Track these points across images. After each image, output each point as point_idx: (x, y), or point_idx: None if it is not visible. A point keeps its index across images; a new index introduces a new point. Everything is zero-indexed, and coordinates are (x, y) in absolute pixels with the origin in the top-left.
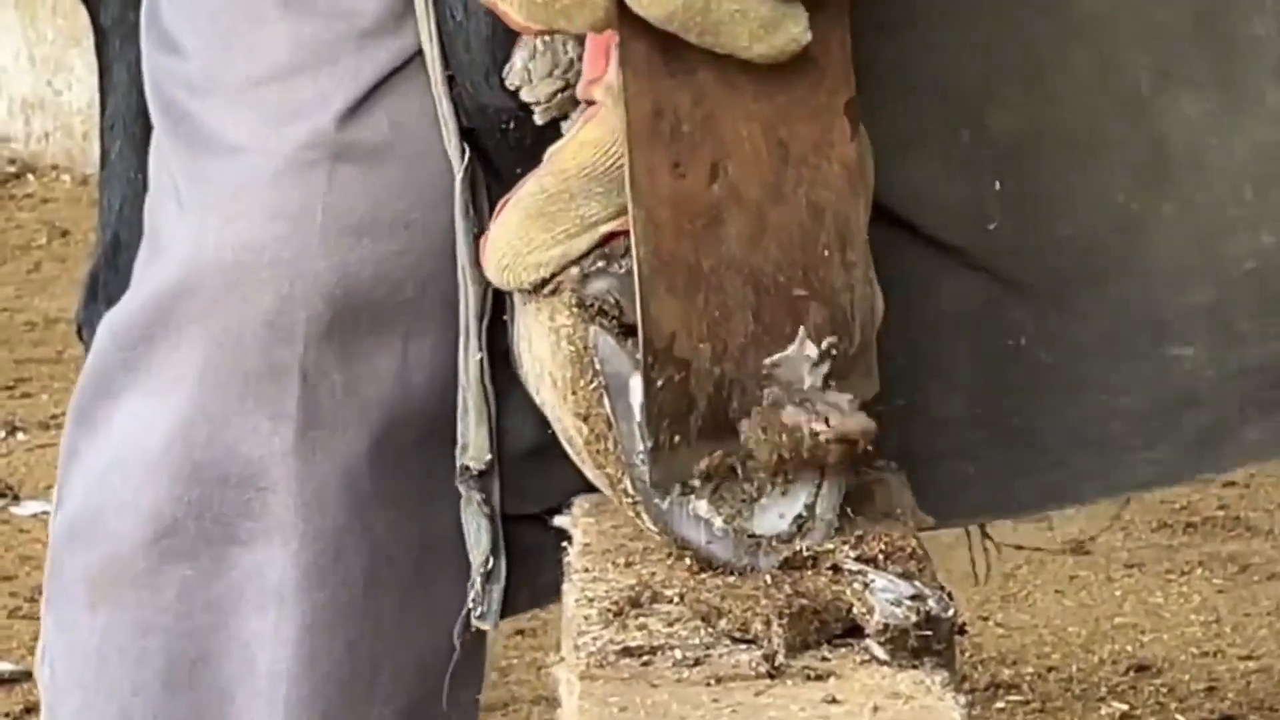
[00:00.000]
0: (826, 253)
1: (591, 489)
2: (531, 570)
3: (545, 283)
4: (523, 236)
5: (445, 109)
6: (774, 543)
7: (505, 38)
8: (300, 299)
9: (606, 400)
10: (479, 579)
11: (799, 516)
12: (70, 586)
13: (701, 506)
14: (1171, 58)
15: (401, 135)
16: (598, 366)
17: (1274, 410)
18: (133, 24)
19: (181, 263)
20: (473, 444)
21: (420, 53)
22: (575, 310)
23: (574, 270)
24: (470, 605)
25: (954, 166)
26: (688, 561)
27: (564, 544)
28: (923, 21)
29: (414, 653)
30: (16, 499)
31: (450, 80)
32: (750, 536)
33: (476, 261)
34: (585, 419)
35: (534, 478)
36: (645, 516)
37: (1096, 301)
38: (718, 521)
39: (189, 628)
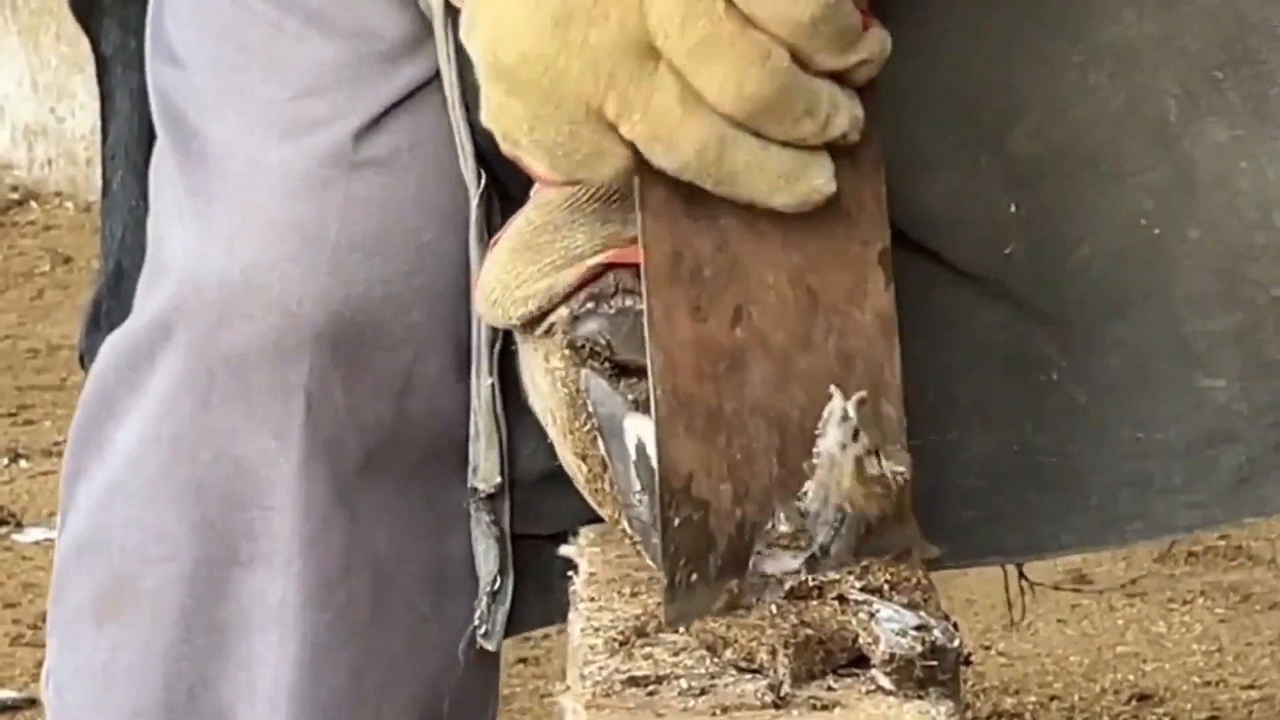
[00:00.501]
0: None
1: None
2: (544, 588)
3: (537, 321)
4: (510, 270)
5: (463, 131)
6: (782, 578)
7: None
8: (308, 318)
9: (601, 442)
10: (485, 599)
11: (812, 557)
12: (76, 606)
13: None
14: (1200, 85)
15: (416, 156)
16: (590, 409)
17: None
18: (134, 51)
19: (186, 280)
20: (483, 467)
21: (437, 76)
22: (567, 353)
23: (564, 311)
24: (475, 623)
25: (970, 189)
26: None
27: (570, 572)
28: (945, 42)
29: (426, 677)
30: (19, 526)
31: (468, 104)
32: (761, 576)
33: None
34: (583, 458)
35: (547, 501)
36: (646, 555)
37: (1121, 329)
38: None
39: (189, 651)
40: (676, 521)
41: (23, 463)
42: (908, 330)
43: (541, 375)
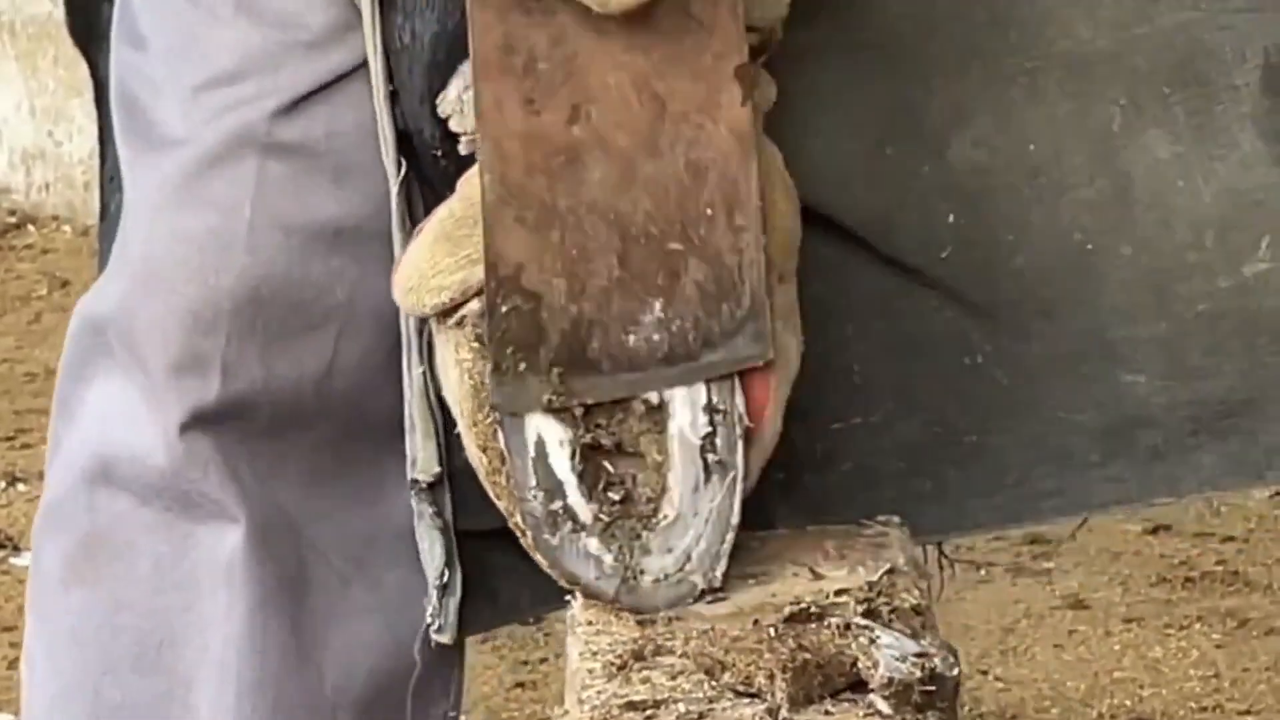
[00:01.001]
0: (710, 211)
1: None
2: (491, 589)
3: (450, 313)
4: (429, 260)
5: (385, 122)
6: (663, 583)
7: (445, 66)
8: (225, 290)
9: (501, 435)
10: (434, 592)
11: (685, 554)
12: (46, 574)
13: (592, 544)
14: (1147, 97)
15: (336, 144)
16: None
17: (1227, 437)
18: None
19: (124, 254)
20: (421, 458)
21: (361, 67)
22: (475, 346)
23: (475, 304)
24: (428, 619)
25: (910, 197)
26: (690, 615)
27: (526, 559)
28: (894, 48)
29: (361, 645)
30: (17, 550)
31: (393, 96)
32: (640, 574)
33: None
34: (484, 450)
35: (478, 492)
36: (536, 552)
37: (1048, 327)
38: (607, 559)
39: (160, 605)
40: (504, 309)
41: (20, 486)
42: (836, 313)
43: (451, 366)
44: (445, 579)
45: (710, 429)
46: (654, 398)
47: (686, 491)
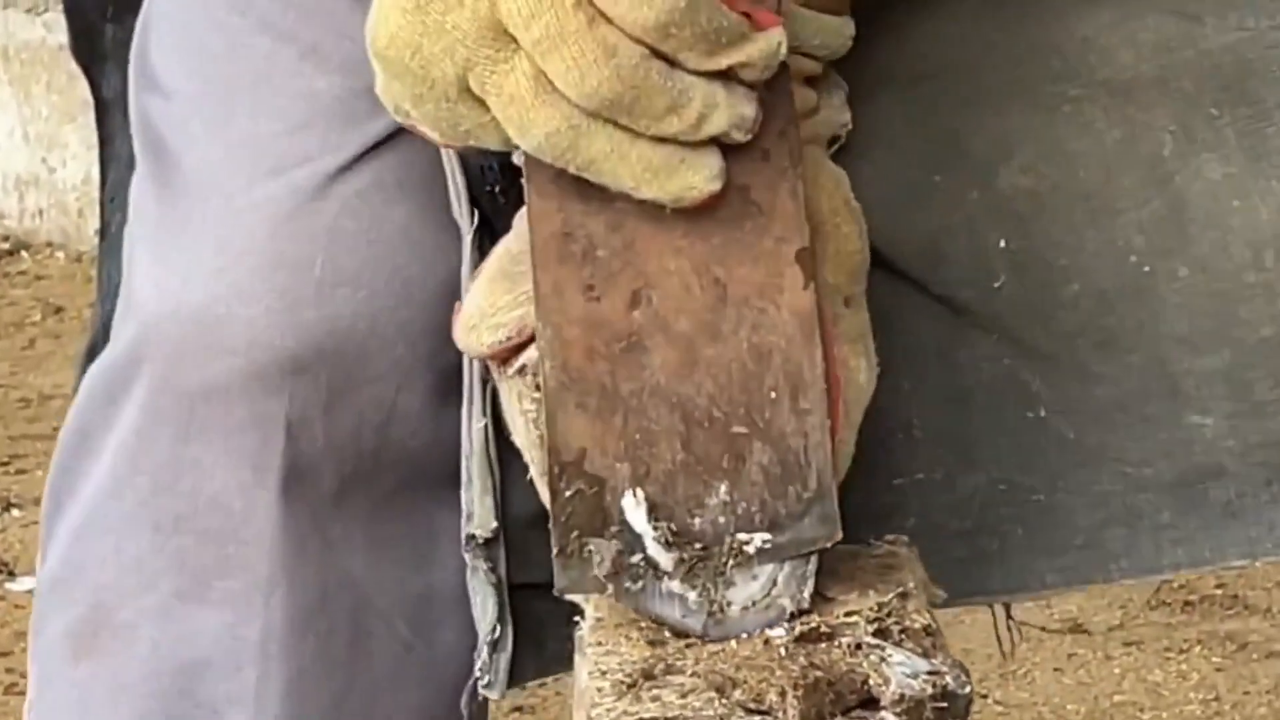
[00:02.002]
0: (774, 395)
1: None
2: (538, 640)
3: (508, 359)
4: (488, 298)
5: (455, 166)
6: (751, 610)
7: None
8: (291, 351)
9: None
10: (485, 648)
11: (771, 579)
12: (52, 642)
13: (675, 585)
14: (1197, 121)
15: (404, 191)
16: None
17: None
18: None
19: (163, 314)
20: (477, 514)
21: None
22: (536, 396)
23: (533, 352)
24: (477, 674)
25: (959, 224)
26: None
27: (576, 617)
28: (939, 78)
29: (410, 708)
30: (12, 575)
31: None
32: (728, 605)
33: None
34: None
35: (538, 547)
36: (618, 599)
37: (1109, 363)
38: (691, 596)
39: (157, 689)
40: (568, 493)
41: (15, 512)
42: (894, 365)
43: (517, 415)
44: (497, 634)
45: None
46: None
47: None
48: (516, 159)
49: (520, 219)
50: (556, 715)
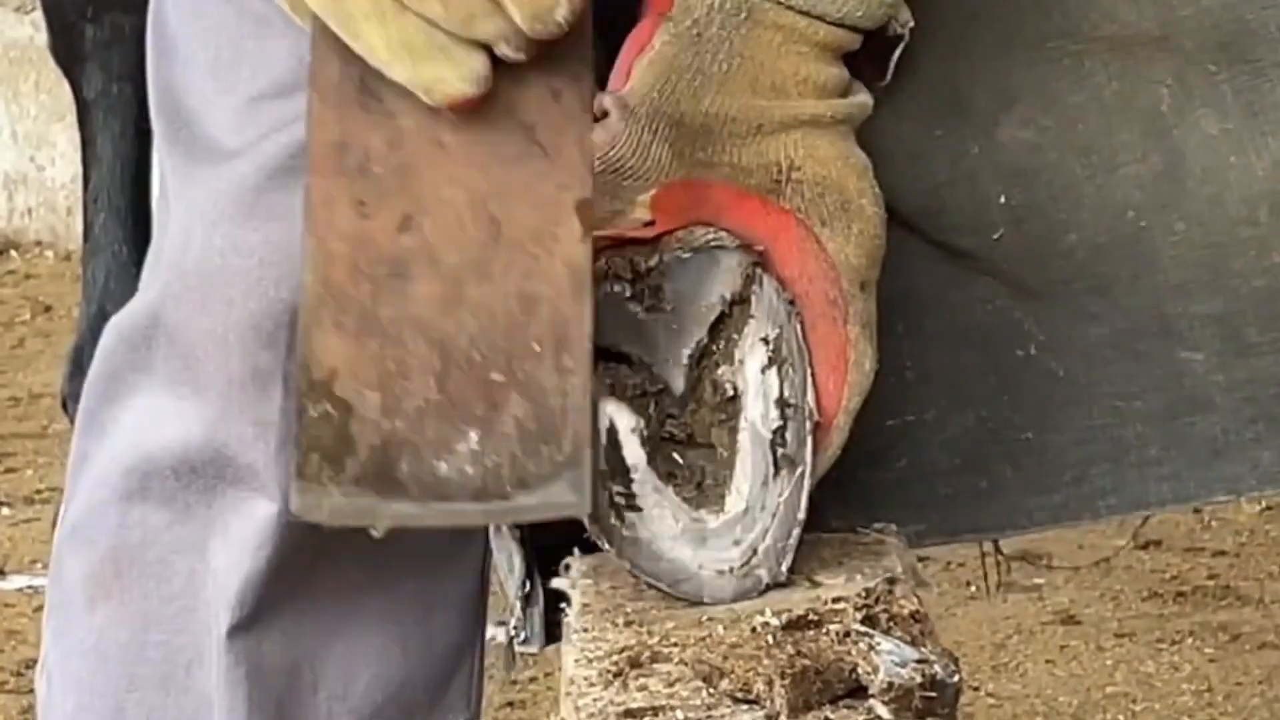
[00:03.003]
0: (537, 348)
1: None
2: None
3: None
4: None
5: None
6: (728, 575)
7: None
8: (285, 303)
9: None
10: (517, 604)
11: (751, 548)
12: (70, 588)
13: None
14: (1195, 77)
15: None
16: None
17: None
18: (116, 96)
19: (171, 266)
20: None
21: None
22: None
23: None
24: (512, 631)
25: (961, 178)
26: (688, 621)
27: (561, 603)
28: (940, 35)
29: (367, 653)
30: (2, 574)
31: None
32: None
33: None
34: None
35: None
36: (603, 539)
37: (1102, 306)
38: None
39: (190, 624)
40: (314, 414)
41: (5, 510)
42: (889, 309)
43: None
44: (528, 589)
45: (781, 423)
46: (729, 388)
47: (755, 485)
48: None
49: None
50: (547, 709)
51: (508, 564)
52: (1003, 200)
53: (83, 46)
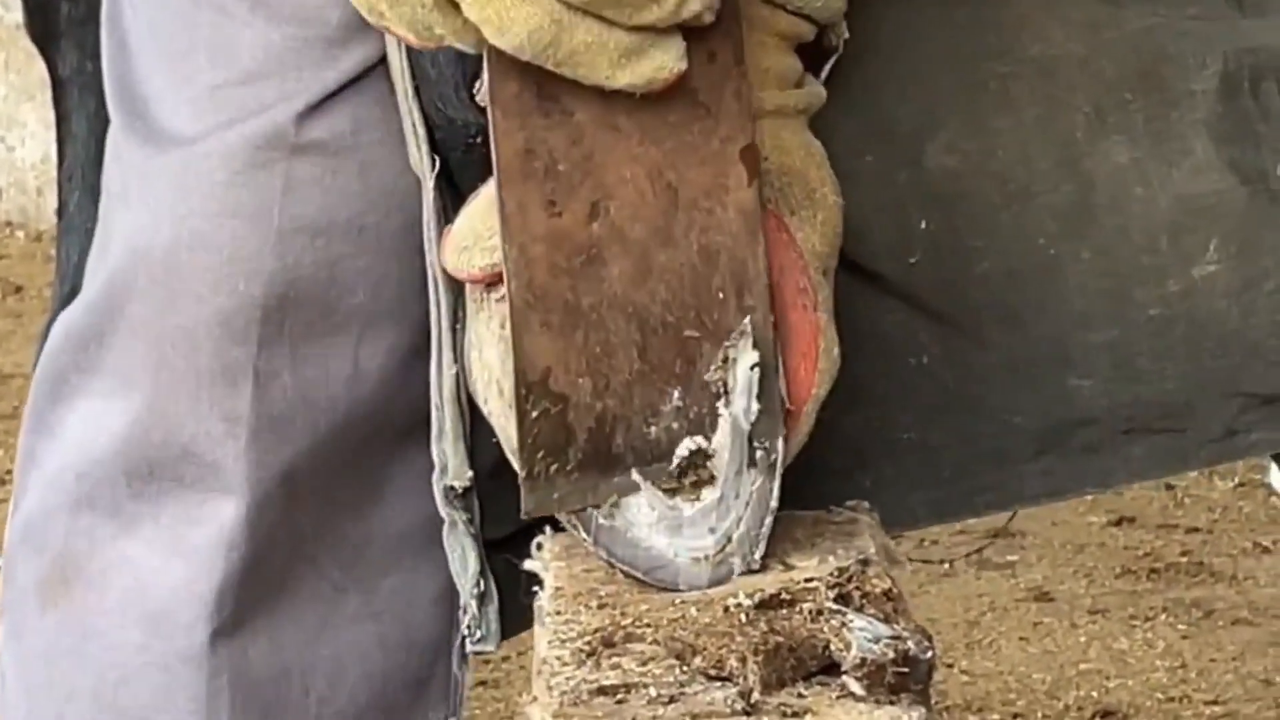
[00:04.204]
0: (721, 295)
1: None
2: (514, 596)
3: (497, 283)
4: (484, 221)
5: (416, 117)
6: (703, 563)
7: (475, 55)
8: (256, 298)
9: None
10: (472, 602)
11: (726, 536)
12: (22, 591)
13: (639, 517)
14: (1110, 104)
15: (360, 140)
16: None
17: (1159, 433)
18: (91, 74)
19: (132, 259)
20: (452, 464)
21: (382, 61)
22: None
23: None
24: (466, 630)
25: (885, 205)
26: (661, 602)
27: (534, 586)
28: (868, 58)
29: (353, 654)
30: None
31: (417, 89)
32: (676, 555)
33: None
34: None
35: (506, 500)
36: (579, 528)
37: (1006, 336)
38: (659, 542)
39: (120, 641)
40: (534, 414)
41: None
42: None
43: (492, 345)
44: (482, 588)
45: (759, 414)
46: (716, 386)
47: (731, 475)
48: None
49: None
50: (521, 688)
51: (461, 560)
52: (923, 226)
53: (57, 24)
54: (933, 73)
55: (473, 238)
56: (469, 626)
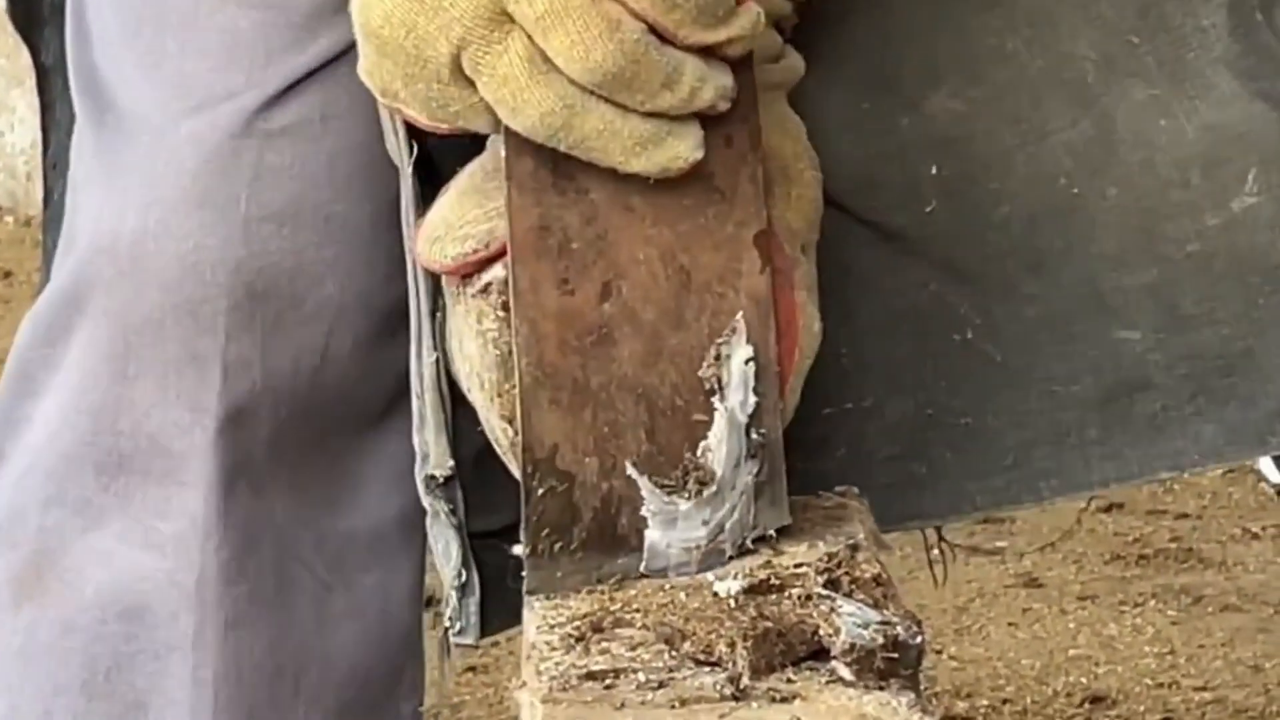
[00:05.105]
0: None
1: None
2: (504, 587)
3: (471, 277)
4: (456, 212)
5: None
6: (694, 551)
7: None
8: (224, 287)
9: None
10: (454, 594)
11: (719, 525)
12: None
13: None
14: (1117, 49)
15: (328, 127)
16: None
17: (1226, 403)
18: None
19: (98, 249)
20: (433, 453)
21: (352, 47)
22: (501, 314)
23: (500, 271)
24: (447, 623)
25: (891, 151)
26: (650, 588)
27: (522, 572)
28: (864, 10)
29: (340, 652)
30: None
31: None
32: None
33: None
34: (510, 421)
35: (491, 489)
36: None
37: (1038, 284)
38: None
39: (102, 633)
40: (540, 491)
41: None
42: (822, 294)
43: (471, 339)
44: (464, 579)
45: (756, 406)
46: (711, 383)
47: (729, 469)
48: (495, 146)
49: (494, 140)
50: (509, 673)
51: (444, 552)
52: (934, 172)
53: (40, 11)
54: (928, 30)
55: (444, 228)
56: (450, 618)
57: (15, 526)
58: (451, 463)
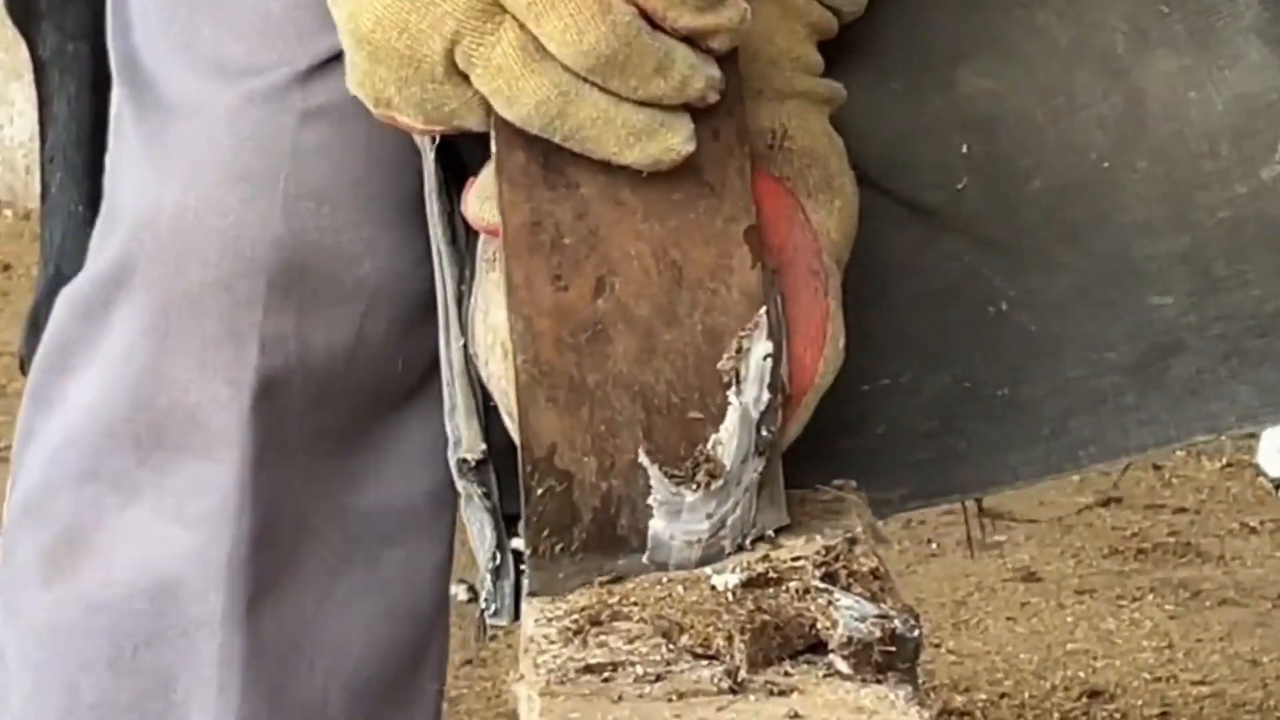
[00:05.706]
0: (725, 377)
1: None
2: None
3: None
4: None
5: None
6: (695, 545)
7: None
8: (262, 263)
9: None
10: (488, 576)
11: (721, 520)
12: (22, 567)
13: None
14: (1147, 19)
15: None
16: None
17: (1260, 364)
18: (72, 56)
19: (140, 226)
20: (465, 437)
21: None
22: None
23: None
24: (483, 605)
25: (922, 129)
26: (648, 582)
27: (521, 565)
28: (885, 4)
29: (356, 628)
30: None
31: None
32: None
33: (453, 242)
34: None
35: (513, 473)
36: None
37: (1070, 254)
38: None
39: (133, 609)
40: (539, 491)
41: None
42: (858, 272)
43: (499, 307)
44: (498, 561)
45: (768, 403)
46: (727, 375)
47: (737, 463)
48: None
49: None
50: (508, 667)
51: (479, 533)
52: (965, 150)
53: (38, 5)
54: (956, 6)
55: (494, 188)
56: (485, 599)
57: (47, 503)
58: (484, 446)
